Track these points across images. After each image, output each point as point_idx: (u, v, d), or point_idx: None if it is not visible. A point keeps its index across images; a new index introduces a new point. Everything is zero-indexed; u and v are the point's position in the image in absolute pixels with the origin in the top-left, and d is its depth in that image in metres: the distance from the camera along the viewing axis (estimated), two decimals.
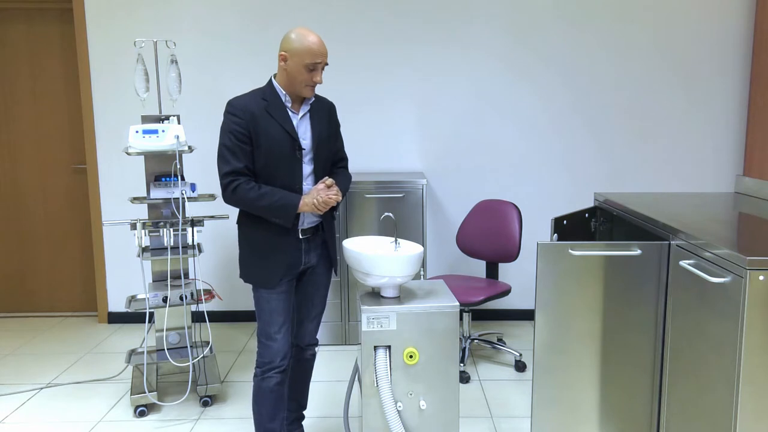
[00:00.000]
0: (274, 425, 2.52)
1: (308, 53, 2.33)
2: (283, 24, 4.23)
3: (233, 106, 2.39)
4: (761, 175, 4.09)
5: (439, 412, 2.27)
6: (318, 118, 2.51)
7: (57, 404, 3.28)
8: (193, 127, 4.35)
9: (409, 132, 4.34)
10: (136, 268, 4.50)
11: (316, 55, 2.34)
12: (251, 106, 2.38)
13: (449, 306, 2.24)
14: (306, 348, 2.71)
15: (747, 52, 4.23)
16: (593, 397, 2.41)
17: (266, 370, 2.48)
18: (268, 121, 2.39)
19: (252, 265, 2.47)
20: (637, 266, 2.33)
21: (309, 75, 2.36)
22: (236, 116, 2.37)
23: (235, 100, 2.42)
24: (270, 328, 2.46)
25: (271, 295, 2.45)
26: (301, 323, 2.66)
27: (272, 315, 2.46)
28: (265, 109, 2.39)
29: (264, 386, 2.48)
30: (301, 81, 2.38)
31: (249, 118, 2.37)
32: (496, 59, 4.26)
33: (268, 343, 2.47)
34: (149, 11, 4.24)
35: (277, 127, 2.40)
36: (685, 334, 2.21)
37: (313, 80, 2.38)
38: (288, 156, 2.41)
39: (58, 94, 4.50)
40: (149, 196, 3.17)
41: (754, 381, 1.87)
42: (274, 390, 2.48)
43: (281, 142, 2.40)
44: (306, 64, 2.34)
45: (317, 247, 2.56)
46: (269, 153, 2.38)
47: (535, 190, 4.38)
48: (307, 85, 2.39)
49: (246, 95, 2.44)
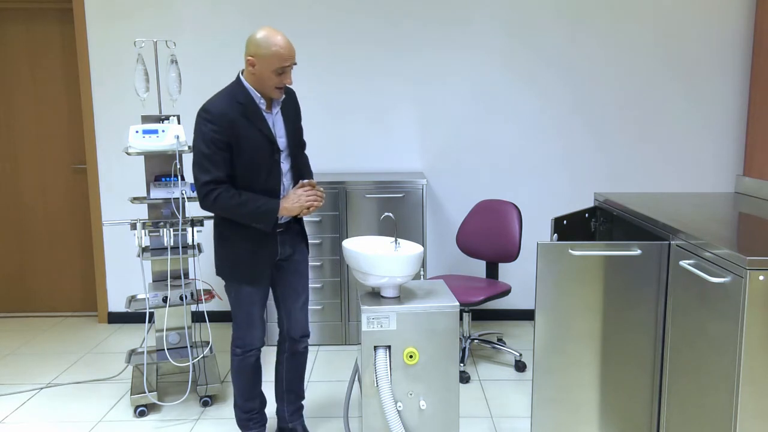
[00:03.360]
0: (256, 392, 2.72)
1: (276, 58, 2.31)
2: (283, 24, 4.23)
3: (210, 113, 2.35)
4: (761, 175, 4.09)
5: (439, 412, 2.27)
6: (287, 112, 2.53)
7: (57, 404, 3.28)
8: (193, 127, 4.35)
9: (409, 132, 4.34)
10: (136, 268, 4.50)
11: (284, 59, 2.32)
12: (229, 113, 2.35)
13: (449, 306, 2.24)
14: (299, 340, 2.75)
15: (747, 52, 4.23)
16: (593, 397, 2.42)
17: (247, 350, 2.63)
18: (247, 127, 2.38)
19: (234, 262, 2.52)
20: (637, 266, 2.33)
21: (278, 78, 2.35)
22: (214, 124, 2.34)
23: (210, 105, 2.37)
24: (250, 317, 2.59)
25: (253, 289, 2.54)
26: (289, 314, 2.70)
27: (253, 306, 2.57)
28: (242, 114, 2.37)
29: (246, 363, 2.66)
30: (271, 85, 2.37)
31: (227, 126, 2.34)
32: (497, 59, 4.26)
33: (248, 329, 2.60)
34: (149, 11, 4.24)
35: (256, 133, 2.39)
36: (685, 334, 2.21)
37: (282, 83, 2.37)
38: (267, 159, 2.42)
39: (58, 94, 4.50)
40: (149, 196, 3.17)
41: (754, 381, 1.87)
42: (254, 365, 2.68)
43: (261, 147, 2.40)
44: (275, 68, 2.32)
45: (292, 238, 2.62)
46: (249, 158, 2.39)
47: (535, 190, 4.38)
48: (276, 88, 2.38)
49: (221, 99, 2.39)
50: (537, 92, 4.29)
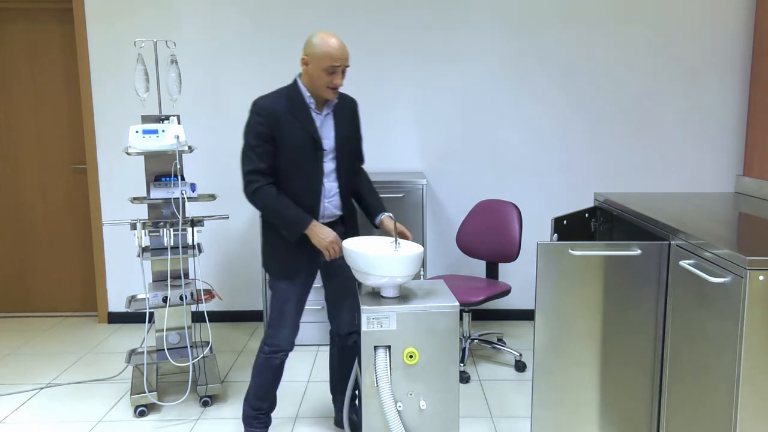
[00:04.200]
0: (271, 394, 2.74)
1: (328, 57, 2.42)
2: (283, 24, 4.23)
3: (258, 106, 2.48)
4: (761, 175, 4.09)
5: (439, 412, 2.27)
6: (341, 117, 2.60)
7: (57, 404, 3.28)
8: (193, 127, 4.35)
9: (409, 132, 4.34)
10: (136, 268, 4.50)
11: (335, 59, 2.42)
12: (275, 107, 2.47)
13: (449, 306, 2.24)
14: (347, 336, 2.82)
15: (747, 52, 4.23)
16: (593, 396, 2.42)
17: (276, 351, 2.66)
18: (291, 123, 2.48)
19: (274, 258, 2.63)
20: (637, 266, 2.34)
21: (329, 78, 2.45)
22: (260, 116, 2.47)
23: (260, 99, 2.50)
24: (284, 316, 2.63)
25: (289, 286, 2.61)
26: (338, 313, 2.78)
27: (287, 304, 2.62)
28: (288, 110, 2.48)
29: (271, 363, 2.68)
30: (322, 84, 2.46)
31: (272, 119, 2.46)
32: (497, 59, 4.26)
33: (279, 328, 2.64)
34: (149, 11, 4.24)
35: (299, 129, 2.49)
36: (685, 334, 2.21)
37: (333, 83, 2.46)
38: (309, 157, 2.51)
39: (58, 94, 4.50)
40: (149, 196, 3.17)
41: (754, 381, 1.87)
42: (277, 368, 2.70)
43: (303, 144, 2.50)
44: (326, 67, 2.42)
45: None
46: (291, 154, 2.49)
47: (535, 190, 4.38)
48: (328, 88, 2.47)
49: (271, 95, 2.52)
50: (537, 92, 4.29)
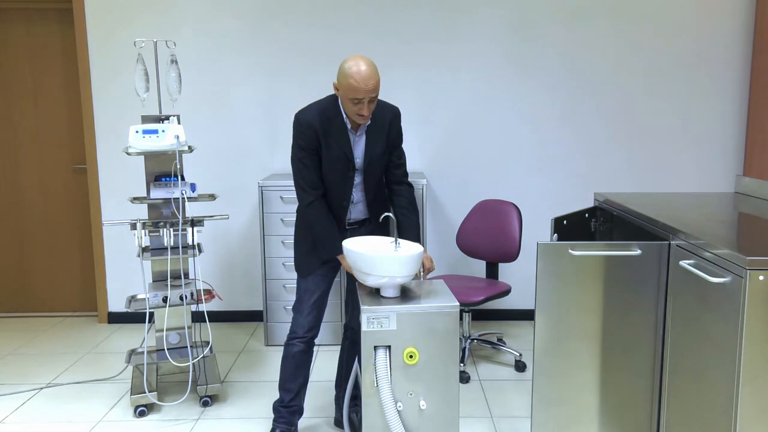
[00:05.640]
0: (293, 385, 2.80)
1: (350, 90, 2.39)
2: (283, 24, 4.23)
3: (298, 121, 2.53)
4: (761, 175, 4.09)
5: (439, 412, 2.27)
6: (376, 135, 2.61)
7: (57, 404, 3.28)
8: (193, 127, 4.35)
9: (409, 132, 4.34)
10: (136, 268, 4.50)
11: (357, 92, 2.37)
12: (315, 124, 2.51)
13: (449, 306, 2.24)
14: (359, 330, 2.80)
15: (747, 52, 4.23)
16: (593, 396, 2.42)
17: (292, 337, 2.76)
18: (329, 141, 2.53)
19: (299, 249, 2.75)
20: (637, 266, 2.33)
21: (355, 108, 2.43)
22: (301, 132, 2.52)
23: (301, 114, 2.53)
24: (300, 303, 2.75)
25: (308, 277, 2.73)
26: (355, 307, 2.82)
27: (305, 293, 2.74)
28: (327, 128, 2.51)
29: (288, 351, 2.78)
30: (350, 112, 2.47)
31: (312, 136, 2.51)
32: (497, 60, 4.26)
33: (296, 315, 2.76)
34: (149, 11, 4.24)
35: (336, 148, 2.54)
36: (685, 334, 2.21)
37: (358, 113, 2.44)
38: (341, 173, 2.58)
39: (58, 94, 4.50)
40: (149, 196, 3.17)
41: (754, 381, 1.87)
42: (296, 356, 2.76)
43: (338, 162, 2.56)
44: (350, 98, 2.40)
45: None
46: (328, 167, 2.56)
47: (535, 190, 4.38)
48: (356, 114, 2.46)
49: (312, 110, 2.54)
50: (537, 92, 4.29)
